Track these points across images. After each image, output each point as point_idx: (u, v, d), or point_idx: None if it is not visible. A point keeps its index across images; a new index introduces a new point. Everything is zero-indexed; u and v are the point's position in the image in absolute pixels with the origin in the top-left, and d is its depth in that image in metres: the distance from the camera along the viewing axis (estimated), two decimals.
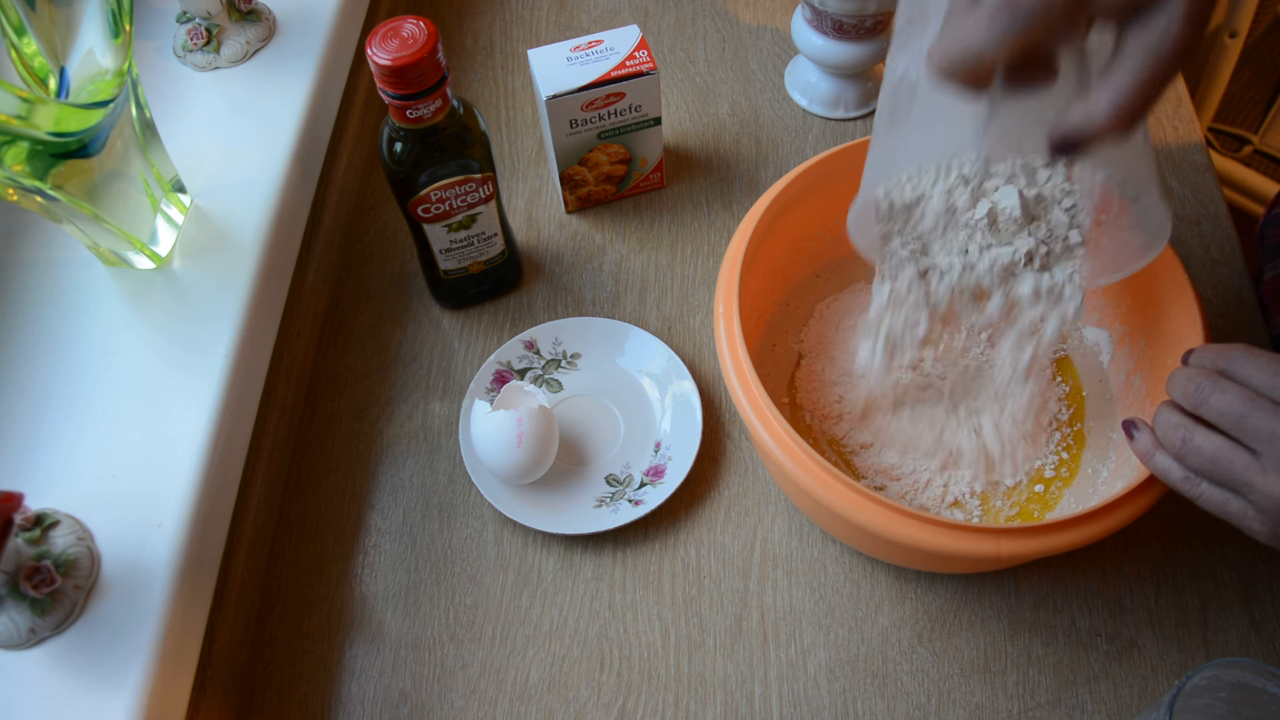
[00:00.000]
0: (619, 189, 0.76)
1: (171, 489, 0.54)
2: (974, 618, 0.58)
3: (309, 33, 0.74)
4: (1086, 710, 0.55)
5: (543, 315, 0.71)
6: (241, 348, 0.59)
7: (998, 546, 0.48)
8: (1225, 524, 0.45)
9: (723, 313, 0.55)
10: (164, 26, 0.74)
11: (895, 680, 0.56)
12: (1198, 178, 0.75)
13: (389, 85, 0.55)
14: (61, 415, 0.57)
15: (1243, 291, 0.69)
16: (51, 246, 0.63)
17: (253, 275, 0.62)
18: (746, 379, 0.53)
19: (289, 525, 0.63)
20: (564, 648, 0.58)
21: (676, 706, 0.56)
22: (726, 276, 0.57)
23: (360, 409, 0.68)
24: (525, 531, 0.62)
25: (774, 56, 0.85)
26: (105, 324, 0.60)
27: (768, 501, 0.62)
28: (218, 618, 0.56)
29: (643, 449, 0.64)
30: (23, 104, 0.48)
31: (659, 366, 0.67)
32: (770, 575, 0.60)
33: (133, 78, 0.57)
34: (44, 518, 0.50)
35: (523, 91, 0.83)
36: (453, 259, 0.67)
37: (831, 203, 0.64)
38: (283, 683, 0.58)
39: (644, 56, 0.68)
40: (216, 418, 0.57)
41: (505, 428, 0.59)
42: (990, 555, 0.48)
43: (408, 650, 0.58)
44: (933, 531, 0.48)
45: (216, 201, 0.65)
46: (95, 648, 0.49)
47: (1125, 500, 0.49)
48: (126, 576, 0.51)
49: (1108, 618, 0.57)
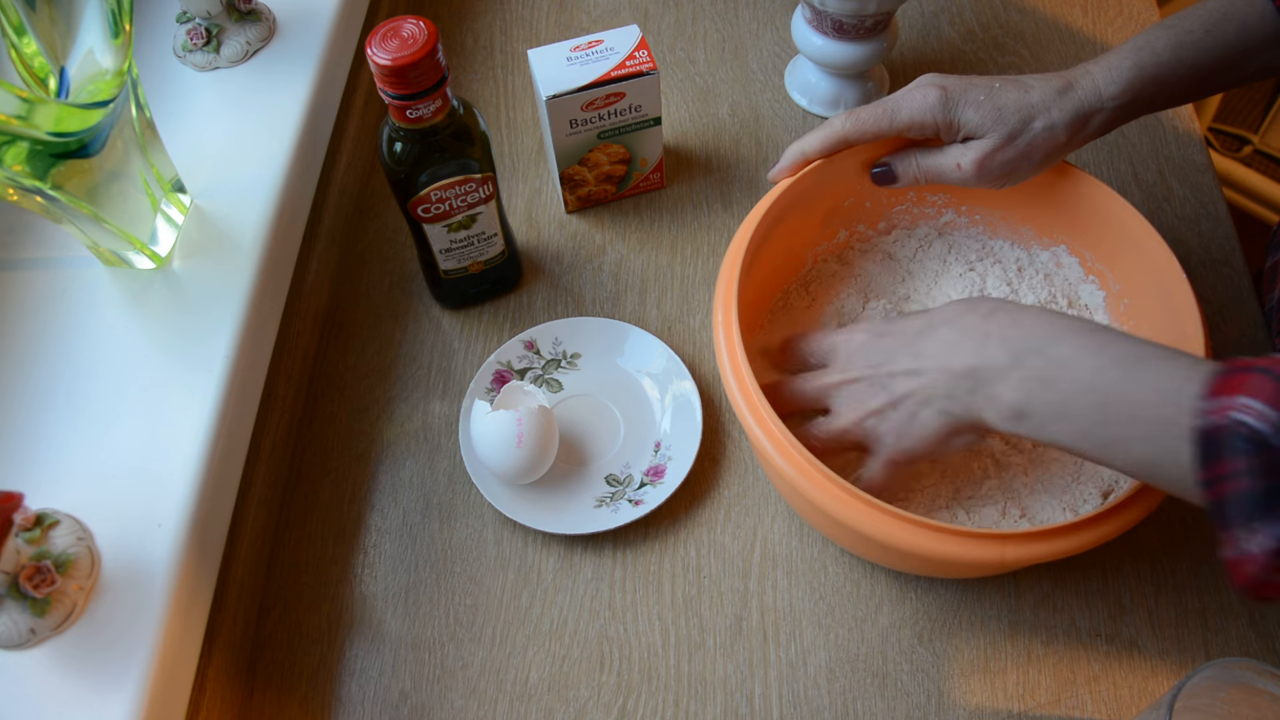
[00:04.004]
0: (619, 189, 0.76)
1: (171, 489, 0.54)
2: (974, 618, 0.58)
3: (309, 33, 0.74)
4: (1086, 710, 0.55)
5: (543, 315, 0.71)
6: (241, 348, 0.59)
7: (1003, 552, 0.48)
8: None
9: (721, 320, 0.55)
10: (164, 26, 0.74)
11: (895, 680, 0.56)
12: (1198, 178, 0.75)
13: (389, 85, 0.55)
14: (61, 415, 0.57)
15: (1243, 291, 0.69)
16: (51, 246, 0.63)
17: (253, 275, 0.62)
18: (745, 382, 0.53)
19: (289, 525, 0.63)
20: (564, 648, 0.58)
21: (676, 706, 0.56)
22: (726, 279, 0.57)
23: (360, 409, 0.68)
24: (525, 531, 0.62)
25: (774, 56, 0.85)
26: (105, 324, 0.60)
27: (768, 501, 0.62)
28: (218, 618, 0.56)
29: (643, 449, 0.64)
30: (23, 104, 0.48)
31: (659, 366, 0.67)
32: (770, 575, 0.60)
33: (133, 78, 0.57)
34: (44, 518, 0.50)
35: (523, 91, 0.83)
36: (453, 259, 0.67)
37: (831, 204, 0.65)
38: (283, 683, 0.58)
39: (644, 56, 0.68)
40: (216, 418, 0.57)
41: (505, 428, 0.59)
42: (995, 561, 0.48)
43: (408, 650, 0.58)
44: (935, 538, 0.48)
45: (216, 201, 0.65)
46: (95, 648, 0.49)
47: (1129, 504, 0.49)
48: (126, 576, 0.51)
49: (1108, 618, 0.57)
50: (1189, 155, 0.76)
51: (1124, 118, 0.57)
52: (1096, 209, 0.60)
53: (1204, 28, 0.55)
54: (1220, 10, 0.55)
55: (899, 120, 0.57)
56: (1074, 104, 0.55)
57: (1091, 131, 0.57)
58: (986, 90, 0.56)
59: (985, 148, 0.56)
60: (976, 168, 0.57)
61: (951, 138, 0.58)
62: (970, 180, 0.58)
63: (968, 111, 0.56)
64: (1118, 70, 0.55)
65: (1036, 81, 0.56)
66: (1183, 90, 0.56)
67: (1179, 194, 0.74)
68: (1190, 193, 0.74)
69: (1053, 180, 0.61)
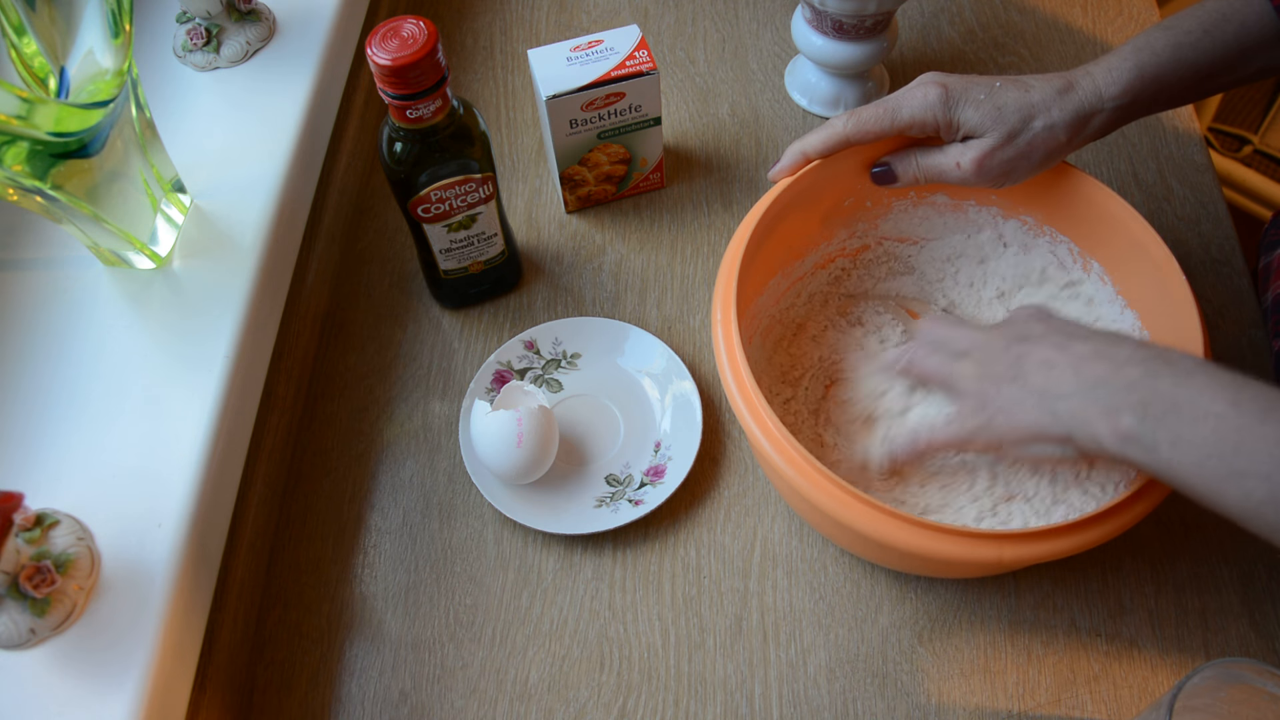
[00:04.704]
0: (619, 189, 0.76)
1: (171, 489, 0.54)
2: (974, 618, 0.58)
3: (309, 33, 0.74)
4: (1086, 710, 0.55)
5: (543, 315, 0.71)
6: (241, 348, 0.59)
7: (1000, 552, 0.47)
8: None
9: (720, 319, 0.55)
10: (164, 26, 0.74)
11: (895, 680, 0.56)
12: (1198, 178, 0.75)
13: (389, 85, 0.55)
14: (61, 415, 0.57)
15: (1242, 291, 0.69)
16: (51, 246, 0.63)
17: (253, 275, 0.62)
18: (744, 382, 0.53)
19: (289, 525, 0.63)
20: (564, 648, 0.58)
21: (676, 706, 0.56)
22: (725, 277, 0.57)
23: (360, 409, 0.68)
24: (525, 531, 0.62)
25: (774, 56, 0.85)
26: (105, 324, 0.60)
27: (768, 501, 0.62)
28: (218, 618, 0.56)
29: (643, 449, 0.64)
30: (23, 104, 0.48)
31: (659, 366, 0.67)
32: (770, 575, 0.60)
33: (133, 78, 0.57)
34: (44, 518, 0.50)
35: (523, 91, 0.83)
36: (453, 259, 0.67)
37: (831, 204, 0.65)
38: (283, 683, 0.58)
39: (644, 56, 0.68)
40: (216, 418, 0.57)
41: (505, 428, 0.59)
42: (992, 561, 0.48)
43: (408, 650, 0.58)
44: (933, 537, 0.48)
45: (216, 201, 0.65)
46: (95, 648, 0.49)
47: (1129, 504, 0.49)
48: (126, 576, 0.51)
49: (1108, 618, 0.57)
50: (1189, 155, 0.76)
51: (1124, 119, 0.57)
52: (1094, 208, 0.60)
53: (1203, 28, 0.55)
54: (1219, 11, 0.55)
55: (900, 119, 0.57)
56: (1074, 104, 0.56)
57: (1091, 132, 0.57)
58: (987, 89, 0.56)
59: (985, 147, 0.56)
60: (976, 166, 0.57)
61: (951, 136, 0.58)
62: (970, 179, 0.58)
63: (967, 110, 0.56)
64: (1118, 71, 0.55)
65: (1037, 81, 0.56)
66: (1182, 91, 0.56)
67: (1179, 194, 0.74)
68: (1190, 193, 0.74)
69: (1051, 179, 0.61)
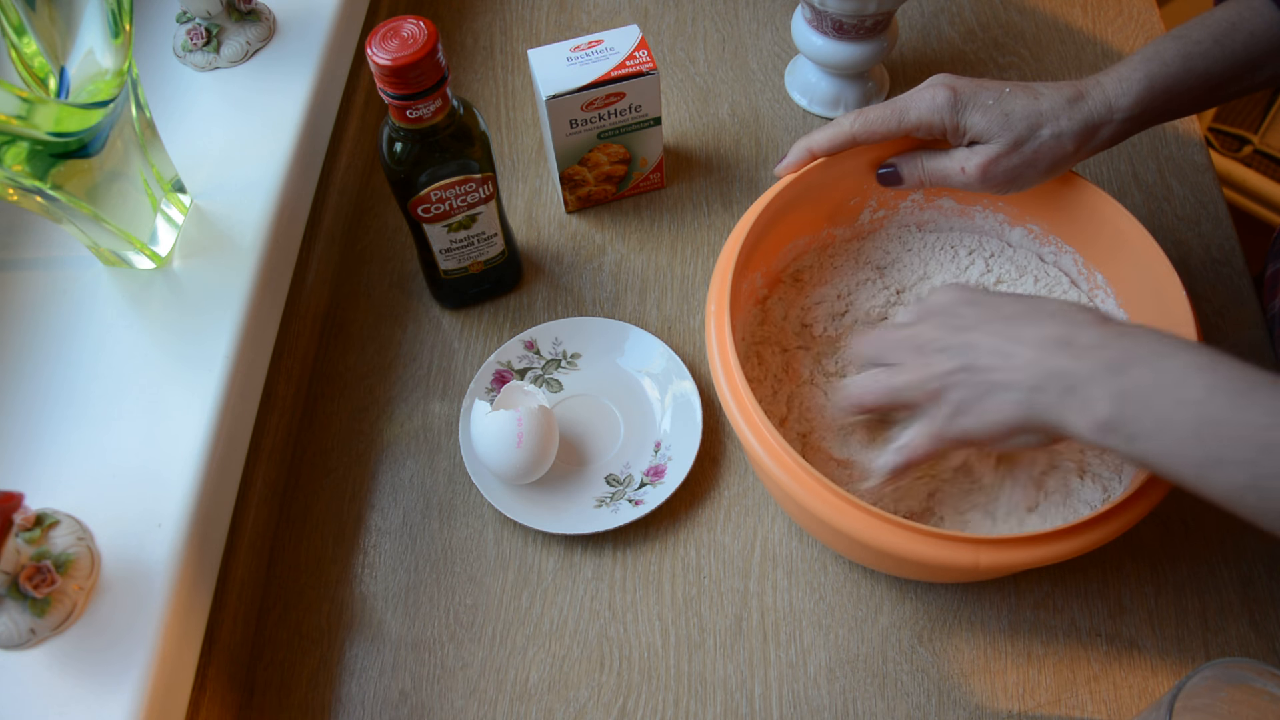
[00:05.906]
0: (619, 189, 0.76)
1: (171, 489, 0.54)
2: (974, 618, 0.58)
3: (309, 33, 0.74)
4: (1086, 710, 0.55)
5: (543, 315, 0.71)
6: (241, 348, 0.59)
7: (976, 557, 0.47)
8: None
9: (715, 318, 0.55)
10: (164, 26, 0.74)
11: (895, 680, 0.56)
12: (1198, 178, 0.75)
13: (389, 85, 0.55)
14: (61, 415, 0.57)
15: (1243, 292, 0.69)
16: (51, 246, 0.63)
17: (253, 275, 0.62)
18: (735, 382, 0.53)
19: (289, 525, 0.63)
20: (564, 648, 0.58)
21: (676, 706, 0.56)
22: (719, 282, 0.57)
23: (360, 409, 0.68)
24: (525, 531, 0.62)
25: (774, 56, 0.85)
26: (105, 324, 0.60)
27: (768, 501, 0.62)
28: (218, 618, 0.56)
29: (643, 449, 0.64)
30: (23, 104, 0.48)
31: (659, 366, 0.67)
32: (770, 575, 0.60)
33: (133, 78, 0.57)
34: (44, 518, 0.50)
35: (523, 91, 0.83)
36: (453, 259, 0.67)
37: (830, 204, 0.65)
38: (283, 683, 0.58)
39: (644, 56, 0.68)
40: (216, 418, 0.57)
41: (505, 428, 0.59)
42: (969, 566, 0.47)
43: (408, 650, 0.58)
44: (928, 543, 0.47)
45: (216, 201, 0.65)
46: (95, 648, 0.49)
47: (1129, 504, 0.49)
48: (126, 576, 0.51)
49: (1108, 618, 0.57)
50: (1189, 155, 0.76)
51: (1132, 130, 0.56)
52: (1093, 212, 0.60)
53: (1212, 38, 0.55)
54: (1228, 20, 0.55)
55: (907, 120, 0.57)
56: (1084, 114, 0.55)
57: (1100, 143, 0.56)
58: (996, 95, 0.56)
59: (990, 153, 0.56)
60: (980, 172, 0.57)
61: (957, 141, 0.58)
62: (974, 185, 0.58)
63: (975, 115, 0.56)
64: (1128, 82, 0.55)
65: (1047, 89, 0.56)
66: (1192, 100, 0.56)
67: (1179, 194, 0.74)
68: (1190, 193, 0.74)
69: (1059, 189, 0.60)
